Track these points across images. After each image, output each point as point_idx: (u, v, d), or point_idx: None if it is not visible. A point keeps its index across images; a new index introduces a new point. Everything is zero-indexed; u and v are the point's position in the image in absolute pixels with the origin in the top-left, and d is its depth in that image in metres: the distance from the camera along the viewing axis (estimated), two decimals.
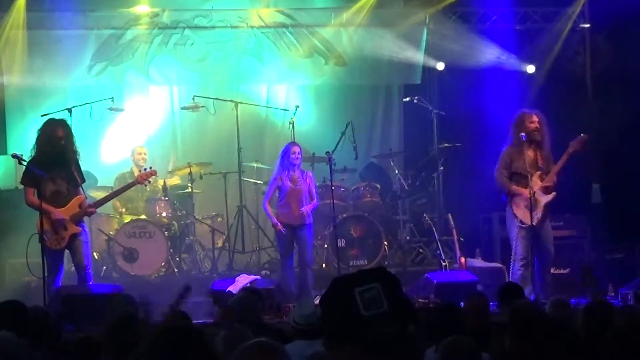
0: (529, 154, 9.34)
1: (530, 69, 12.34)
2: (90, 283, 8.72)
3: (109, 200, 9.59)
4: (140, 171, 10.19)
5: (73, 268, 9.03)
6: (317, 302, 5.95)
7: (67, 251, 8.77)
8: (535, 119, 9.38)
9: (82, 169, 8.99)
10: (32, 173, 8.47)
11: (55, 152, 8.60)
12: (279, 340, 5.02)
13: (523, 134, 9.28)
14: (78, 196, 8.75)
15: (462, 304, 5.99)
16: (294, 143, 9.96)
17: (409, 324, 2.42)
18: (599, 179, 11.98)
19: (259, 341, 2.84)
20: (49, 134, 8.62)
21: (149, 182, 9.69)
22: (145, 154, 11.36)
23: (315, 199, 9.96)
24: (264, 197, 10.09)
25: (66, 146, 8.65)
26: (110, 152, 12.02)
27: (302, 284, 9.70)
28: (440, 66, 12.34)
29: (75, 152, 8.75)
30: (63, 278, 8.76)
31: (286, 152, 9.79)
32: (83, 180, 8.88)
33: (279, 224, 9.71)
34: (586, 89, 12.18)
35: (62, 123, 8.81)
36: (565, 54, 12.31)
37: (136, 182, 9.46)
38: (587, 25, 12.38)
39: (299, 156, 9.80)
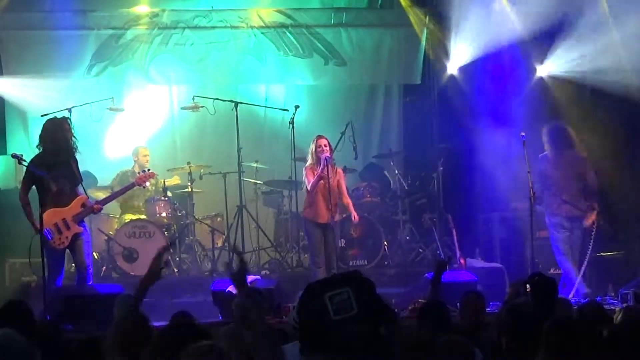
0: None
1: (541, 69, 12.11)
2: (90, 283, 8.72)
3: (111, 201, 9.60)
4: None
5: (73, 268, 9.03)
6: None
7: (67, 251, 8.77)
8: None
9: (82, 168, 8.99)
10: (32, 173, 8.47)
11: (59, 151, 8.61)
12: (279, 340, 5.02)
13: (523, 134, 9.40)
14: (80, 196, 8.76)
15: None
16: (320, 136, 9.86)
17: (380, 326, 2.43)
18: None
19: (207, 343, 2.86)
20: (52, 134, 8.62)
21: (147, 184, 9.71)
22: (149, 154, 11.36)
23: (347, 198, 9.98)
24: (309, 184, 9.73)
25: (69, 145, 8.66)
26: (110, 152, 12.02)
27: None
28: (453, 68, 12.03)
29: (75, 151, 8.76)
30: (63, 278, 8.76)
31: (314, 146, 9.74)
32: (82, 180, 8.89)
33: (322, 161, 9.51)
34: (586, 89, 12.16)
35: (65, 122, 8.82)
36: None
37: (135, 183, 9.47)
38: None
39: (325, 149, 9.70)
